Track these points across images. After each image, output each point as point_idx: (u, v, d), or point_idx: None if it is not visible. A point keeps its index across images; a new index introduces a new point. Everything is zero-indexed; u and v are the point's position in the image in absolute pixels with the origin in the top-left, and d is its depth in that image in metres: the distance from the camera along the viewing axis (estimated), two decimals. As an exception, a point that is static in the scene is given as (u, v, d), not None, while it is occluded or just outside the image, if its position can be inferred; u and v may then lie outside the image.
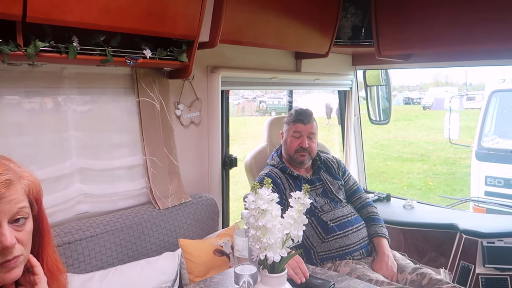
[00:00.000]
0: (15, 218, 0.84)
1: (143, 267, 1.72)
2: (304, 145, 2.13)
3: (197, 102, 2.21)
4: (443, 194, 6.61)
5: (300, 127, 2.16)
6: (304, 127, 2.16)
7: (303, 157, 2.14)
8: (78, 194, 1.78)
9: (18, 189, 0.85)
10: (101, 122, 1.85)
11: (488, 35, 2.18)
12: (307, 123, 2.17)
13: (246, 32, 2.07)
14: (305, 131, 2.15)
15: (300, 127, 2.16)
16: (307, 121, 2.17)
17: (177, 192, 2.05)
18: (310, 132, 2.16)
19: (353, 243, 2.00)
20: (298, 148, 2.14)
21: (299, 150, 2.14)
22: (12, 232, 0.83)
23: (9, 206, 0.83)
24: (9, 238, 0.82)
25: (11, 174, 0.84)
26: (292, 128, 2.18)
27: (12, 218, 0.84)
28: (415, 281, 1.83)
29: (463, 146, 6.23)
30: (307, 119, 2.17)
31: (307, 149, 2.13)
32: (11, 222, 0.84)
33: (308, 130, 2.16)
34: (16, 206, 0.84)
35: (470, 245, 2.36)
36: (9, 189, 0.83)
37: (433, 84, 29.12)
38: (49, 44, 1.41)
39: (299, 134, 2.15)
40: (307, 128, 2.16)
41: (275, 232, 1.20)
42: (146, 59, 1.68)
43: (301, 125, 2.16)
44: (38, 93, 1.66)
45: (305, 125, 2.16)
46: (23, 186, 0.87)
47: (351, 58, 3.19)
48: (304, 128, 2.16)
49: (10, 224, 0.83)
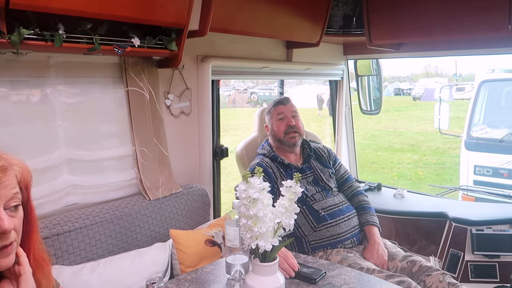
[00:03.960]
0: (10, 203, 0.83)
1: (134, 258, 1.71)
2: (291, 123, 2.17)
3: (187, 92, 2.18)
4: (433, 184, 6.68)
5: (281, 108, 2.23)
6: (285, 107, 2.23)
7: (294, 139, 2.16)
8: (66, 186, 1.75)
9: (11, 175, 0.84)
10: (89, 112, 1.82)
11: (477, 24, 2.19)
12: (286, 104, 2.25)
13: (236, 20, 2.04)
14: (287, 111, 2.22)
15: (282, 108, 2.23)
16: (286, 102, 2.26)
17: (167, 182, 2.03)
18: (292, 111, 2.23)
19: (344, 232, 2.00)
20: (286, 128, 2.16)
21: (288, 131, 2.16)
22: (9, 217, 0.82)
23: (5, 191, 0.82)
24: (7, 222, 0.80)
25: (3, 161, 0.83)
26: (274, 112, 2.24)
27: (7, 203, 0.82)
28: (406, 269, 1.85)
29: (453, 136, 6.29)
30: (285, 101, 2.27)
31: (295, 127, 2.17)
32: (5, 208, 0.82)
33: (289, 109, 2.23)
34: (11, 192, 0.83)
35: (460, 233, 2.39)
36: (5, 174, 0.82)
37: (423, 75, 29.35)
38: (34, 32, 1.37)
39: (282, 115, 2.21)
40: (288, 108, 2.23)
41: (266, 221, 1.19)
42: (135, 48, 1.65)
43: (281, 107, 2.24)
44: (23, 82, 1.61)
45: (285, 105, 2.24)
46: (15, 172, 0.86)
47: (342, 47, 3.18)
48: (285, 109, 2.23)
49: (4, 210, 0.82)
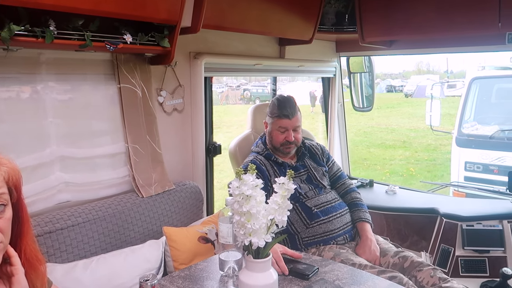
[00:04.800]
0: None
1: (127, 255, 1.70)
2: (290, 139, 2.09)
3: (180, 89, 2.18)
4: (424, 180, 6.75)
5: (285, 122, 2.10)
6: (289, 122, 2.10)
7: (288, 149, 2.14)
8: (58, 183, 1.74)
9: None
10: (81, 110, 1.81)
11: (468, 22, 2.22)
12: (292, 118, 2.10)
13: (229, 17, 2.04)
14: (290, 125, 2.10)
15: (285, 123, 2.10)
16: (292, 115, 2.09)
17: (160, 180, 2.03)
18: (295, 125, 2.11)
19: (337, 228, 2.02)
20: (284, 142, 2.11)
21: (285, 144, 2.12)
22: None
23: None
24: None
25: None
26: (277, 123, 2.12)
27: None
28: (397, 264, 1.87)
29: (444, 132, 6.35)
30: (292, 113, 2.09)
31: (294, 142, 2.11)
32: None
33: (293, 124, 2.10)
34: None
35: (450, 228, 2.43)
36: None
37: (415, 72, 29.52)
38: (24, 28, 1.35)
39: (284, 129, 2.10)
40: (292, 123, 2.10)
41: (259, 218, 1.19)
42: (127, 44, 1.63)
43: (286, 121, 2.10)
44: (14, 79, 1.60)
45: (290, 120, 2.09)
46: (2, 172, 0.85)
47: (335, 44, 3.19)
48: (289, 123, 2.10)
49: None
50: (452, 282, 1.69)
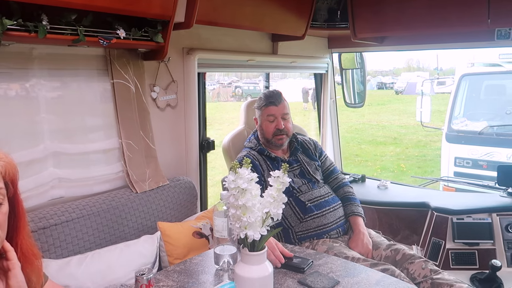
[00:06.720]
0: None
1: (122, 251, 1.70)
2: (280, 126, 2.14)
3: (173, 85, 2.18)
4: (415, 175, 6.82)
5: (272, 109, 2.16)
6: (277, 108, 2.16)
7: (281, 140, 2.16)
8: (52, 179, 1.73)
9: None
10: (74, 105, 1.80)
11: (458, 18, 2.25)
12: (278, 104, 2.16)
13: (222, 12, 2.04)
14: (278, 112, 2.16)
15: (273, 110, 2.16)
16: (278, 102, 2.17)
17: (154, 175, 2.03)
18: (283, 112, 2.17)
19: (330, 222, 2.04)
20: (275, 131, 2.15)
21: (276, 133, 2.15)
22: None
23: None
24: None
25: None
26: (265, 112, 2.18)
27: None
28: (389, 257, 1.90)
29: (434, 128, 6.42)
30: (277, 100, 2.17)
31: (284, 130, 2.15)
32: None
33: (281, 111, 2.16)
34: None
35: (441, 222, 2.46)
36: None
37: (405, 69, 29.77)
38: (17, 23, 1.34)
39: (273, 117, 2.16)
40: (279, 109, 2.16)
41: (254, 211, 1.20)
42: (120, 40, 1.63)
43: (273, 108, 2.16)
44: (6, 74, 1.59)
45: (277, 106, 2.16)
46: None
47: (327, 41, 3.21)
48: (276, 110, 2.16)
49: None
50: (443, 274, 1.73)
